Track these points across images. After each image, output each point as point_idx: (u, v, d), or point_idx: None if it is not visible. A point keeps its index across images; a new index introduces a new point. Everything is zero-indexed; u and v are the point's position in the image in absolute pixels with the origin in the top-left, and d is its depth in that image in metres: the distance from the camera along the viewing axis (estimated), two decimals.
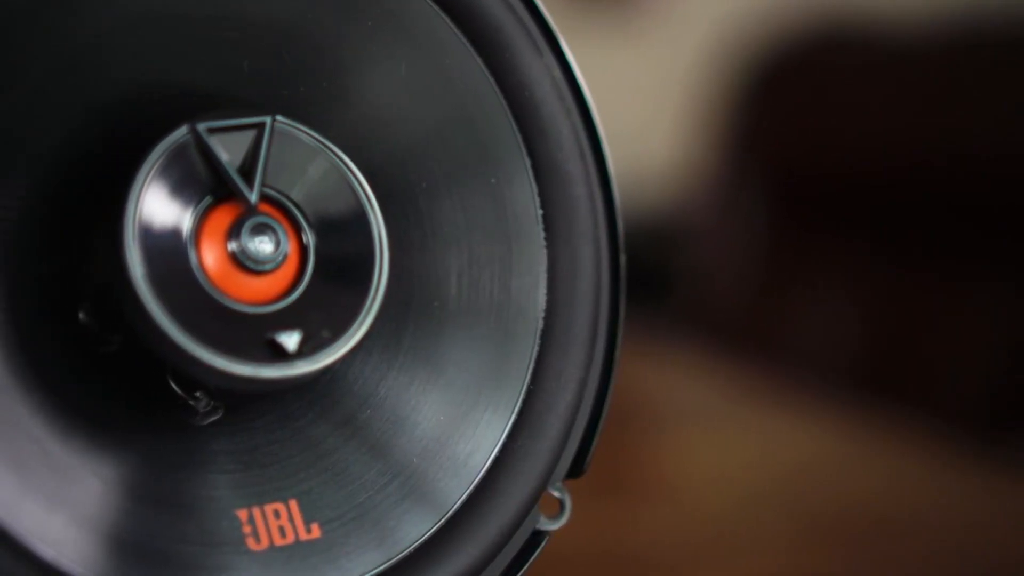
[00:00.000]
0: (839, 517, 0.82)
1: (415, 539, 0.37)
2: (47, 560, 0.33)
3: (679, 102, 1.47)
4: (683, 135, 1.46)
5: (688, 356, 1.18)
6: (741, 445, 0.97)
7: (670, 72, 1.49)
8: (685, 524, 0.82)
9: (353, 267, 0.36)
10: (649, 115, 1.36)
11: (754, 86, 1.39)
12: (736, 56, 1.43)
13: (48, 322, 0.35)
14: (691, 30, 1.51)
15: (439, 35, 0.38)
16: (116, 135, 0.35)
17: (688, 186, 1.43)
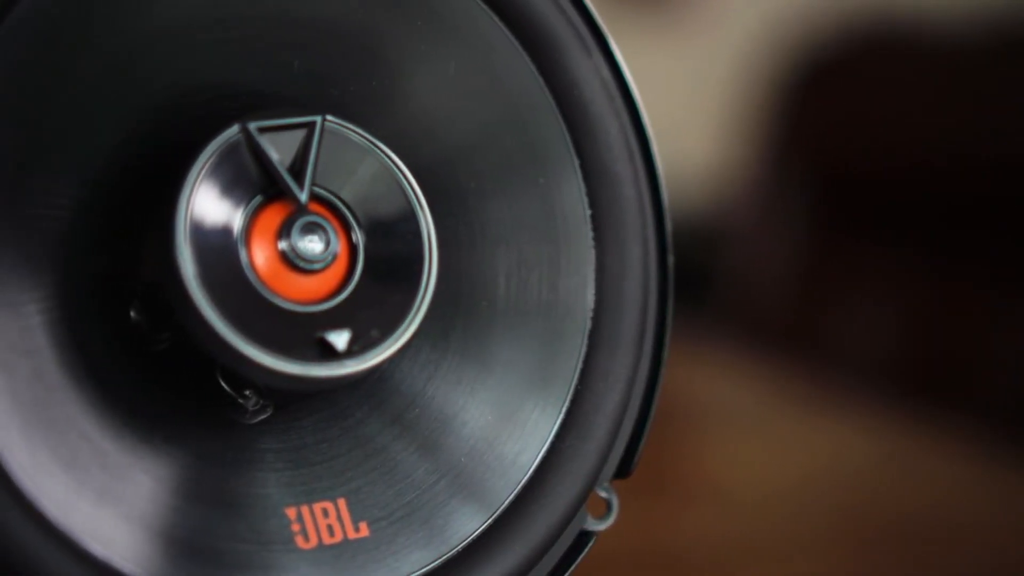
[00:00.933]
0: (885, 521, 0.82)
1: (463, 538, 0.37)
2: (99, 558, 0.33)
3: (720, 102, 1.47)
4: (723, 136, 1.46)
5: (729, 358, 1.17)
6: (783, 447, 0.96)
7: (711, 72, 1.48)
8: (727, 526, 0.82)
9: (402, 266, 0.36)
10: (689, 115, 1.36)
11: (795, 87, 1.38)
12: (777, 57, 1.42)
13: (100, 320, 0.35)
14: (732, 30, 1.51)
15: (488, 35, 0.38)
16: (167, 134, 0.36)
17: (728, 187, 1.42)
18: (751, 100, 1.44)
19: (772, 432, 1.00)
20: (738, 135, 1.45)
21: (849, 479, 0.90)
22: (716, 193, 1.42)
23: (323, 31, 0.37)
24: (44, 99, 0.34)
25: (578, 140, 0.39)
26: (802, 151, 1.39)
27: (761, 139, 1.40)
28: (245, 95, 0.36)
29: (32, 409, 0.33)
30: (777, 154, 1.39)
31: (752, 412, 1.06)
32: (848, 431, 0.98)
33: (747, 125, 1.43)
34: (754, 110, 1.42)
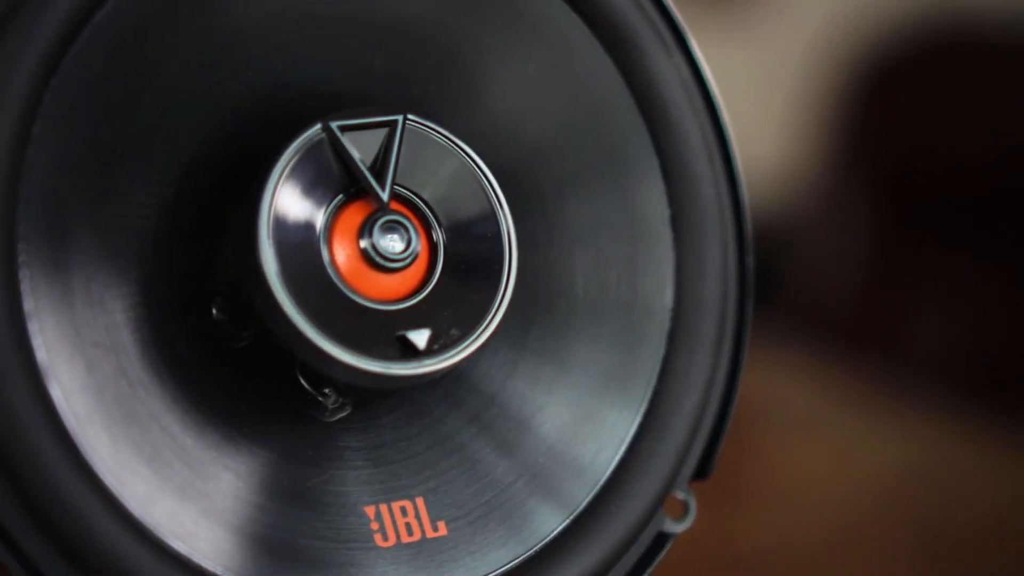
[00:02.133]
0: (952, 527, 0.81)
1: (541, 539, 0.37)
2: (180, 553, 0.33)
3: (787, 103, 1.46)
4: (790, 136, 1.45)
5: (795, 360, 1.17)
6: (850, 450, 0.96)
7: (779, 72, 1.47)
8: (794, 529, 0.82)
9: (482, 266, 0.36)
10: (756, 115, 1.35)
11: (864, 86, 1.37)
12: (844, 57, 1.41)
13: (182, 317, 0.35)
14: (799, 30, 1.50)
15: (569, 34, 0.38)
16: (249, 133, 0.36)
17: (795, 188, 1.42)
18: (818, 100, 1.43)
19: (837, 435, 0.99)
20: (805, 135, 1.44)
21: (916, 483, 0.89)
22: (782, 194, 1.41)
23: (404, 31, 0.37)
24: (129, 99, 0.34)
25: (658, 140, 0.39)
26: (869, 151, 1.38)
27: (828, 139, 1.39)
28: (327, 94, 0.36)
29: (115, 405, 0.33)
30: (844, 154, 1.38)
31: (817, 415, 1.05)
32: (916, 435, 0.97)
33: (814, 125, 1.42)
34: (821, 110, 1.42)
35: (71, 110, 0.33)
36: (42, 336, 0.32)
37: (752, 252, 0.40)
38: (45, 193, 0.33)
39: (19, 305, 0.32)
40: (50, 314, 0.33)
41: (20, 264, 0.32)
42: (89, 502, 0.32)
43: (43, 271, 0.33)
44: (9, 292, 0.32)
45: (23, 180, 0.32)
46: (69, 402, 0.32)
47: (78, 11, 0.33)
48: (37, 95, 0.33)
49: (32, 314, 0.32)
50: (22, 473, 0.32)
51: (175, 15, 0.35)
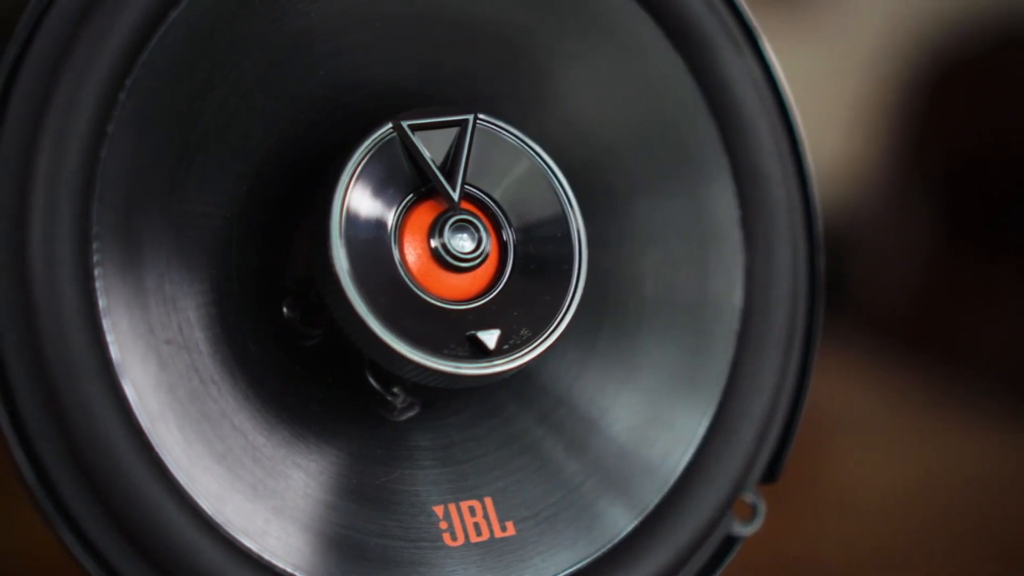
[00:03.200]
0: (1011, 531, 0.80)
1: (609, 540, 0.37)
2: (251, 551, 0.33)
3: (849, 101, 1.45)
4: (853, 136, 1.44)
5: (856, 363, 1.16)
6: (910, 455, 0.95)
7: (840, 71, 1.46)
8: (853, 534, 0.81)
9: (552, 266, 0.36)
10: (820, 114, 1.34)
11: (927, 86, 1.36)
12: (910, 55, 1.40)
13: (253, 316, 0.35)
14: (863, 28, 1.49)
15: (641, 35, 0.38)
16: (320, 132, 0.36)
17: (858, 187, 1.41)
18: (881, 99, 1.42)
19: (897, 440, 0.99)
20: (869, 135, 1.43)
21: (978, 490, 0.88)
22: (845, 194, 1.40)
23: (475, 31, 0.37)
24: (201, 99, 0.34)
25: (729, 140, 0.38)
26: (933, 151, 1.36)
27: (892, 139, 1.38)
28: (397, 94, 0.36)
29: (188, 403, 0.34)
30: (908, 154, 1.37)
31: (877, 419, 1.04)
32: (978, 440, 0.96)
33: (877, 124, 1.41)
34: (884, 109, 1.40)
35: (144, 109, 0.33)
36: (115, 334, 0.33)
37: (822, 253, 0.40)
38: (118, 192, 0.33)
39: (93, 303, 0.32)
40: (124, 312, 0.33)
41: (94, 263, 0.32)
42: (162, 499, 0.32)
43: (117, 269, 0.33)
44: (84, 290, 0.32)
45: (97, 179, 0.33)
46: (142, 400, 0.33)
47: (152, 11, 0.33)
48: (112, 95, 0.33)
49: (106, 312, 0.33)
50: (97, 471, 0.32)
51: (247, 15, 0.35)
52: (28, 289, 0.32)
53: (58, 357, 0.32)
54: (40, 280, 0.32)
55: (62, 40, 0.33)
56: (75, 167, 0.32)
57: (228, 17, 0.34)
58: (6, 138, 0.32)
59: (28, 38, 0.33)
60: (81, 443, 0.32)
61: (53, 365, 0.32)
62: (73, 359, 0.32)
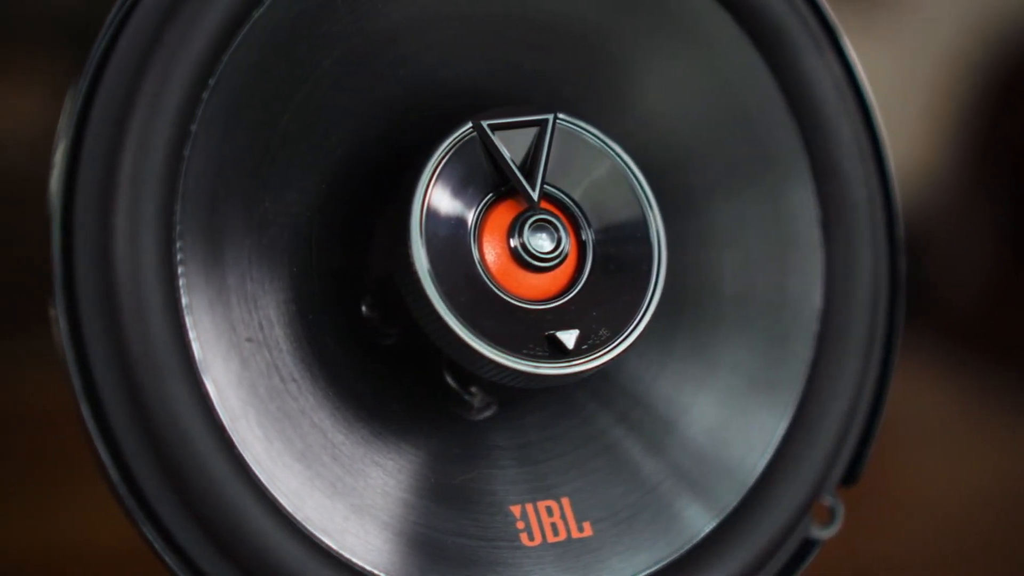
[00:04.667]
0: None
1: (687, 541, 0.36)
2: (330, 549, 0.34)
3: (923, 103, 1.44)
4: (924, 138, 1.43)
5: (928, 365, 1.15)
6: (984, 458, 0.94)
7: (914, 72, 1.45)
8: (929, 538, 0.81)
9: (631, 266, 0.36)
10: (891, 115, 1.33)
11: (1000, 88, 1.34)
12: (983, 57, 1.39)
13: (332, 314, 0.36)
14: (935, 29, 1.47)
15: (720, 33, 0.38)
16: (400, 131, 0.36)
17: (928, 190, 1.39)
18: (954, 101, 1.40)
19: (970, 441, 0.98)
20: (941, 135, 1.42)
21: None
22: (917, 194, 1.39)
23: (554, 30, 0.37)
24: (283, 97, 0.35)
25: (809, 140, 0.38)
26: (1004, 154, 1.35)
27: (963, 142, 1.37)
28: (476, 93, 0.36)
29: (268, 400, 0.34)
30: (979, 157, 1.35)
31: (949, 420, 1.03)
32: None
33: (951, 125, 1.40)
34: (957, 112, 1.39)
35: (227, 109, 0.34)
36: (198, 331, 0.33)
37: (903, 254, 0.39)
38: (201, 191, 0.33)
39: (177, 301, 0.33)
40: (206, 310, 0.33)
41: (178, 261, 0.33)
42: (242, 496, 0.33)
43: (199, 268, 0.33)
44: (167, 289, 0.32)
45: (180, 178, 0.33)
46: (223, 397, 0.33)
47: (236, 11, 0.33)
48: (196, 94, 0.33)
49: (189, 310, 0.33)
50: (178, 468, 0.32)
51: (328, 15, 0.35)
52: (112, 287, 0.32)
53: (141, 354, 0.32)
54: (124, 278, 0.32)
55: (146, 40, 0.33)
56: (159, 166, 0.32)
57: (310, 17, 0.35)
58: (91, 137, 0.33)
59: (113, 39, 0.33)
60: (163, 440, 0.32)
61: (136, 362, 0.32)
62: (156, 356, 0.32)
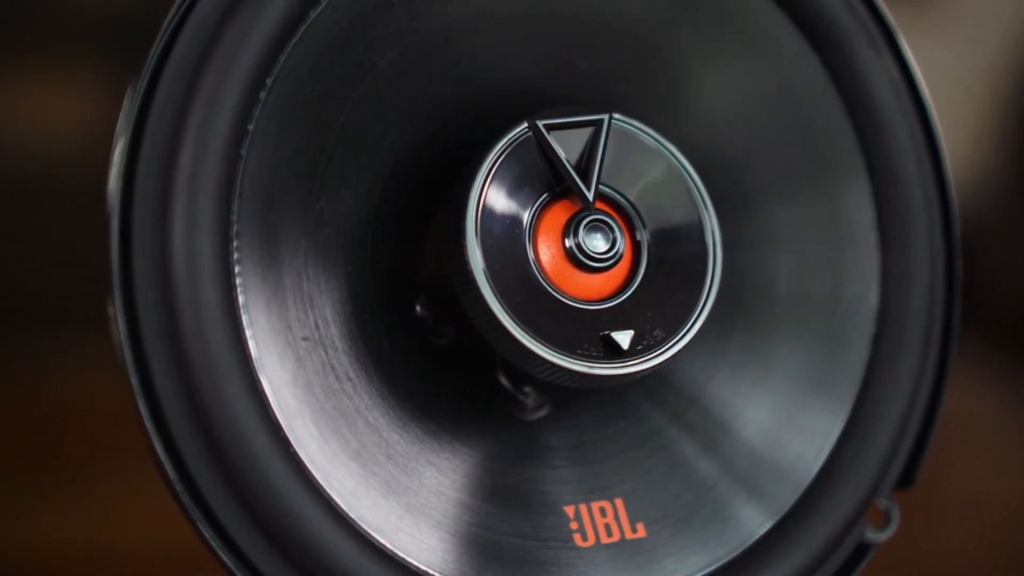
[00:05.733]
0: None
1: (741, 543, 0.36)
2: (385, 548, 0.34)
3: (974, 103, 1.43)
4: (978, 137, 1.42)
5: (981, 367, 1.14)
6: None
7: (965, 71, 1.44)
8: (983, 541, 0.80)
9: (686, 267, 0.36)
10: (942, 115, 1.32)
11: None
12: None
13: (387, 314, 0.36)
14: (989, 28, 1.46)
15: (777, 34, 0.38)
16: (455, 131, 0.36)
17: (983, 190, 1.38)
18: (1006, 101, 1.39)
19: (1018, 444, 0.97)
20: (992, 137, 1.41)
21: None
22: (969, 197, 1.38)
23: (609, 30, 0.37)
24: (340, 97, 0.35)
25: (865, 141, 0.38)
26: None
27: (1016, 142, 1.35)
28: (531, 93, 0.36)
29: (324, 399, 0.34)
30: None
31: (1002, 423, 1.02)
32: None
33: (1001, 127, 1.39)
34: (1009, 111, 1.38)
35: (284, 109, 0.34)
36: (254, 330, 0.33)
37: (960, 256, 0.39)
38: (258, 190, 0.34)
39: (233, 300, 0.33)
40: (262, 309, 0.33)
41: (234, 260, 0.33)
42: (298, 495, 0.33)
43: (256, 267, 0.33)
44: (224, 287, 0.33)
45: (238, 177, 0.33)
46: (279, 396, 0.33)
47: (293, 11, 0.34)
48: (253, 93, 0.33)
49: (245, 308, 0.33)
50: (234, 466, 0.32)
51: (385, 15, 0.35)
52: (170, 286, 0.32)
53: (198, 353, 0.32)
54: (181, 278, 0.32)
55: (204, 40, 0.33)
56: (217, 165, 0.33)
57: (366, 17, 0.35)
58: (149, 136, 0.33)
59: (171, 39, 0.33)
60: (219, 438, 0.32)
61: (193, 361, 0.32)
62: (213, 355, 0.32)
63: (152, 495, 0.38)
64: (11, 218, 0.96)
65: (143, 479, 0.39)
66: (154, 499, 0.39)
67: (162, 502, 0.34)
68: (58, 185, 0.96)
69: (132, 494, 0.72)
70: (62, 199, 0.95)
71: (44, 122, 0.99)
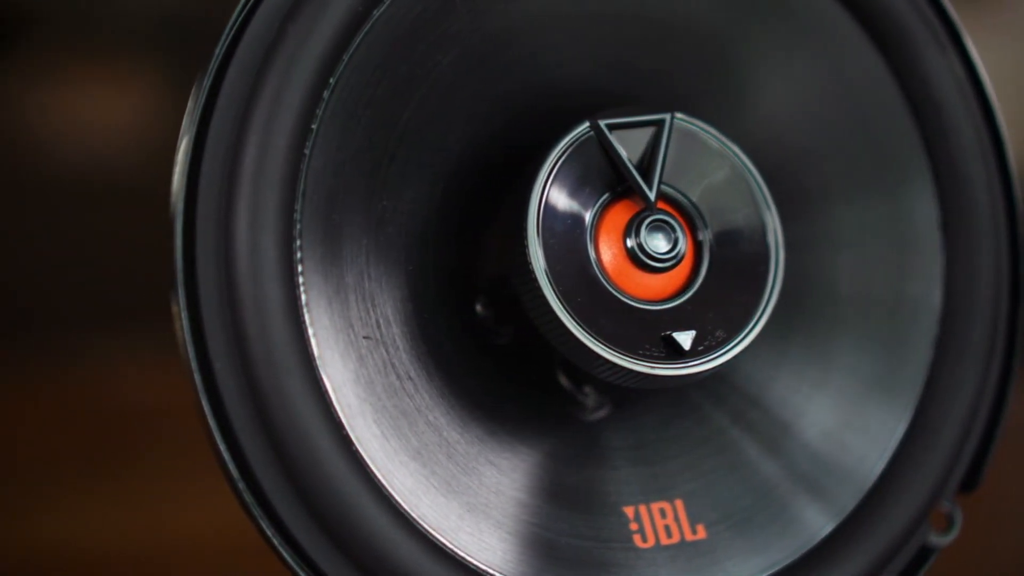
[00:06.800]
0: None
1: (803, 546, 0.36)
2: (445, 547, 0.34)
3: None
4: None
5: None
6: None
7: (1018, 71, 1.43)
8: None
9: (747, 267, 0.35)
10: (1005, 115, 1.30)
11: None
12: None
13: (447, 313, 0.36)
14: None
15: (840, 33, 0.37)
16: (517, 130, 0.36)
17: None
18: None
19: None
20: None
21: None
22: None
23: (670, 29, 0.37)
24: (402, 96, 0.35)
25: (930, 141, 0.38)
26: None
27: None
28: (592, 93, 0.36)
29: (385, 398, 0.34)
30: None
31: None
32: None
33: None
34: None
35: (347, 107, 0.34)
36: (316, 329, 0.33)
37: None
38: (320, 189, 0.34)
39: (296, 298, 0.33)
40: (324, 308, 0.33)
41: (297, 259, 0.33)
42: (359, 494, 0.33)
43: (318, 265, 0.33)
44: (287, 286, 0.33)
45: (301, 176, 0.33)
46: (341, 394, 0.33)
47: (357, 10, 0.34)
48: (317, 92, 0.33)
49: (308, 307, 0.33)
50: (297, 464, 0.32)
51: (447, 14, 0.35)
52: (233, 284, 0.32)
53: (261, 351, 0.32)
54: (245, 276, 0.32)
55: (268, 39, 0.33)
56: (280, 164, 0.33)
57: (429, 16, 0.35)
58: (213, 136, 0.33)
59: (235, 38, 0.33)
60: (282, 436, 0.32)
61: (256, 359, 0.32)
62: (275, 353, 0.32)
63: (213, 493, 0.38)
64: (74, 219, 0.97)
65: (204, 477, 0.39)
66: (215, 497, 0.39)
67: (223, 500, 0.34)
68: (120, 185, 0.97)
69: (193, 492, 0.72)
70: (125, 199, 0.95)
71: (105, 124, 1.00)
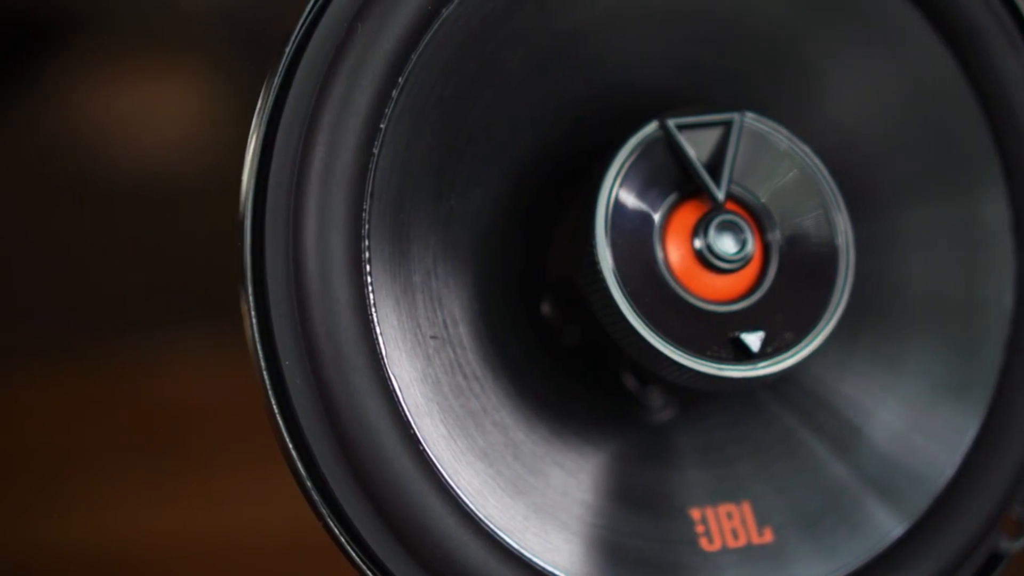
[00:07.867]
0: None
1: (871, 550, 0.36)
2: (511, 548, 0.34)
3: None
4: None
5: None
6: None
7: None
8: None
9: (817, 269, 0.35)
10: None
11: None
12: None
13: (513, 314, 0.36)
14: None
15: (912, 34, 0.37)
16: (585, 130, 0.36)
17: None
18: None
19: None
20: None
21: None
22: None
23: (739, 28, 0.37)
24: (471, 96, 0.35)
25: (1003, 142, 0.37)
26: None
27: None
28: (661, 92, 0.36)
29: (452, 398, 0.34)
30: None
31: None
32: None
33: None
34: None
35: (416, 107, 0.34)
36: (383, 328, 0.33)
37: None
38: (389, 189, 0.34)
39: (364, 298, 0.33)
40: (392, 307, 0.33)
41: (366, 259, 0.33)
42: (426, 494, 0.33)
43: (386, 265, 0.33)
44: (355, 285, 0.33)
45: (369, 176, 0.33)
46: (408, 394, 0.33)
47: (426, 10, 0.34)
48: (385, 92, 0.33)
49: (375, 307, 0.33)
50: (364, 463, 0.32)
51: (516, 14, 0.35)
52: (301, 284, 0.32)
53: (329, 350, 0.32)
54: (313, 274, 0.32)
55: (338, 39, 0.33)
56: (349, 164, 0.33)
57: (497, 15, 0.35)
58: (283, 135, 0.33)
59: (304, 38, 0.34)
60: (349, 435, 0.32)
61: (324, 357, 0.32)
62: (344, 352, 0.32)
63: (274, 491, 0.38)
64: (133, 218, 0.97)
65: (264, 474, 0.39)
66: (275, 494, 0.39)
67: (283, 497, 0.35)
68: (181, 184, 0.97)
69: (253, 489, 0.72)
70: (185, 198, 0.96)
71: (164, 124, 1.01)
